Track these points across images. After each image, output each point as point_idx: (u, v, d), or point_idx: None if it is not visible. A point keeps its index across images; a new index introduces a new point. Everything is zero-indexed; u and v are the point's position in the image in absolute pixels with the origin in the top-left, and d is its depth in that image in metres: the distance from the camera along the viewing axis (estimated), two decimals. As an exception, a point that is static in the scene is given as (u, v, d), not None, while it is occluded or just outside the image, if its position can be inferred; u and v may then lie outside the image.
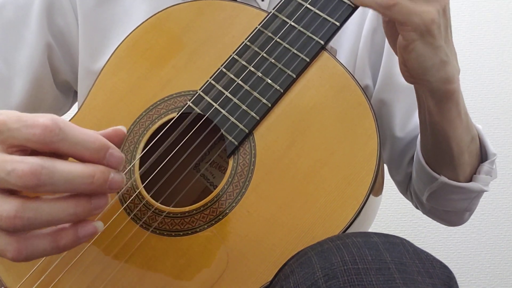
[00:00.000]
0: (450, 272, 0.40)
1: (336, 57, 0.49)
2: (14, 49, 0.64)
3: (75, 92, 0.72)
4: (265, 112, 0.48)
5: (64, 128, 0.33)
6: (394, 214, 1.33)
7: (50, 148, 0.33)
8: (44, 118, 0.33)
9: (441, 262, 0.40)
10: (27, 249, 0.34)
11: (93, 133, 0.35)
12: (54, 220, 0.34)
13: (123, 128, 0.38)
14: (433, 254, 0.40)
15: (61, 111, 0.73)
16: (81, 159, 0.35)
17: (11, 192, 0.34)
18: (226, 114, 0.49)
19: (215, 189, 0.48)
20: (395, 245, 0.40)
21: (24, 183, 0.32)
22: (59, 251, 0.35)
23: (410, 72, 0.51)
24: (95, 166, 0.34)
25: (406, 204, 1.34)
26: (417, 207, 0.76)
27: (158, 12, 0.56)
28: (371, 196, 0.44)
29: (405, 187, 0.76)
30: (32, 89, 0.64)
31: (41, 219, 0.33)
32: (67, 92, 0.71)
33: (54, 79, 0.67)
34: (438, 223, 0.75)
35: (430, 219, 0.74)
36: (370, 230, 0.49)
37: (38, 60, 0.64)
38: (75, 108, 0.71)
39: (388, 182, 0.70)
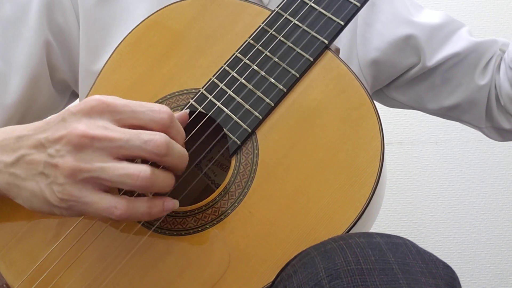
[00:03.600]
0: (453, 272, 0.40)
1: (339, 48, 0.49)
2: (12, 46, 0.63)
3: (72, 93, 0.72)
4: (268, 111, 0.48)
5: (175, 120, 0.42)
6: (394, 214, 1.33)
7: (166, 133, 0.41)
8: (162, 107, 0.41)
9: (444, 263, 0.40)
10: (132, 209, 0.40)
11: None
12: (162, 187, 0.42)
13: (187, 111, 0.47)
14: (433, 254, 0.40)
15: (54, 111, 0.72)
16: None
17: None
18: (229, 113, 0.49)
19: (216, 187, 0.48)
20: (398, 245, 0.40)
21: (158, 151, 0.40)
22: (149, 217, 0.42)
23: None
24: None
25: (406, 204, 1.36)
26: (495, 128, 0.74)
27: (161, 9, 0.56)
28: (373, 197, 0.43)
29: (483, 107, 0.73)
30: (28, 87, 0.64)
31: (158, 184, 0.41)
32: (63, 91, 0.70)
33: (52, 78, 0.66)
34: (438, 223, 0.75)
35: (430, 219, 0.74)
36: (370, 230, 0.49)
37: (36, 57, 0.63)
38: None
39: (388, 182, 0.69)
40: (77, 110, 0.40)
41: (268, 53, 0.50)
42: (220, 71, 0.51)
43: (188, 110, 0.47)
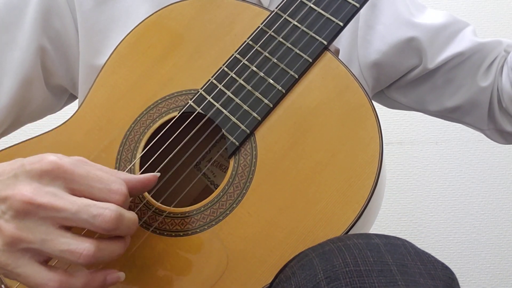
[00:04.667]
0: (451, 273, 0.39)
1: (339, 48, 0.49)
2: (6, 50, 0.63)
3: (71, 95, 0.72)
4: (266, 112, 0.48)
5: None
6: (394, 215, 1.33)
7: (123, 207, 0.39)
8: (121, 186, 0.40)
9: (442, 264, 0.40)
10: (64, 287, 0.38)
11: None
12: (109, 259, 0.39)
13: (157, 174, 0.44)
14: (433, 254, 0.40)
15: (51, 112, 0.72)
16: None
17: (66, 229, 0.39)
18: (228, 114, 0.48)
19: (215, 187, 0.48)
20: (397, 246, 0.39)
21: (107, 227, 0.37)
22: None
23: None
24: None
25: (405, 204, 1.36)
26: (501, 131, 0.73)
27: (160, 10, 0.56)
28: (372, 198, 0.43)
29: (485, 109, 0.72)
30: (20, 90, 0.64)
31: (103, 258, 0.39)
32: (59, 94, 0.70)
33: (46, 82, 0.66)
34: (438, 223, 0.74)
35: (430, 219, 0.74)
36: (370, 230, 0.49)
37: (28, 62, 0.63)
38: (75, 106, 0.70)
39: (388, 182, 0.69)
40: (31, 169, 0.38)
41: (267, 54, 0.49)
42: (219, 72, 0.51)
43: (158, 174, 0.44)
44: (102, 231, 0.38)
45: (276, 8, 0.51)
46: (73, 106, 0.73)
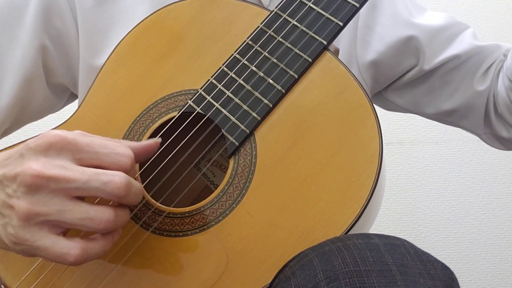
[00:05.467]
0: (451, 273, 0.39)
1: (339, 48, 0.49)
2: (7, 48, 0.63)
3: (71, 94, 0.72)
4: (266, 112, 0.47)
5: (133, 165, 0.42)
6: (394, 214, 1.33)
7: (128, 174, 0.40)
8: (127, 150, 0.40)
9: (442, 264, 0.40)
10: (86, 253, 0.39)
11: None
12: (121, 225, 0.41)
13: (159, 140, 0.45)
14: (433, 254, 0.40)
15: (51, 111, 0.72)
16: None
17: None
18: (227, 114, 0.48)
19: (215, 188, 0.48)
20: (396, 246, 0.39)
21: (118, 193, 0.38)
22: (104, 254, 0.40)
23: None
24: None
25: (406, 204, 1.36)
26: (499, 136, 0.72)
27: (159, 9, 0.56)
28: (372, 198, 0.43)
29: (481, 113, 0.71)
30: (21, 89, 0.64)
31: (119, 224, 0.40)
32: (60, 93, 0.70)
33: (47, 81, 0.66)
34: (438, 223, 0.74)
35: (430, 219, 0.73)
36: (370, 230, 0.49)
37: (30, 61, 0.63)
38: (74, 106, 0.70)
39: (388, 182, 0.69)
40: (35, 145, 0.38)
41: (266, 54, 0.49)
42: (218, 71, 0.50)
43: (160, 139, 0.45)
44: (113, 197, 0.38)
45: (276, 8, 0.51)
46: (73, 106, 0.72)
